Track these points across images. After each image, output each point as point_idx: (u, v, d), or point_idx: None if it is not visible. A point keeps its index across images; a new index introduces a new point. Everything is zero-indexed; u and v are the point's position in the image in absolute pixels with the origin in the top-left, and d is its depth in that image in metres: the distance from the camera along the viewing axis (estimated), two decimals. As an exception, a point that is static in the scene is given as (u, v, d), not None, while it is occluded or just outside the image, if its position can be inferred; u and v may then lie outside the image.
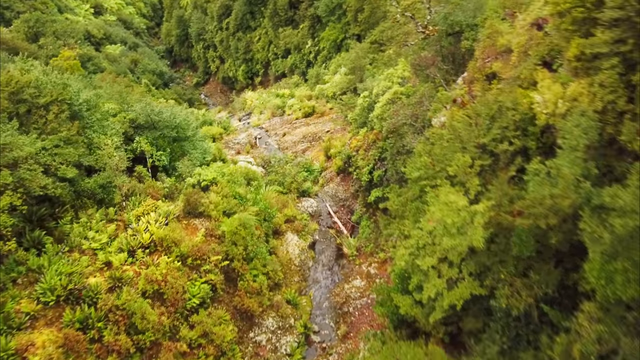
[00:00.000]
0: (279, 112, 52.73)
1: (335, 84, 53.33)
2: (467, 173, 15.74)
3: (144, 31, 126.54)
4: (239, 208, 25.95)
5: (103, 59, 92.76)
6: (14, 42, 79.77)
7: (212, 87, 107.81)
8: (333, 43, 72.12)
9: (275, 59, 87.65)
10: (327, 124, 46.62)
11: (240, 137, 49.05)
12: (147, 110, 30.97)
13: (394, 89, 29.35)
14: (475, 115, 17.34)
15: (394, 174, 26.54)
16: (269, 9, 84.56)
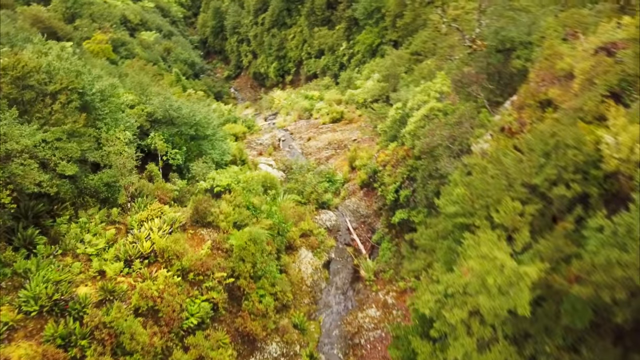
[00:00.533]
0: (306, 115, 50.51)
1: (367, 90, 50.93)
2: (516, 222, 13.23)
3: (180, 20, 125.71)
4: (251, 220, 23.76)
5: (137, 45, 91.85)
6: (50, 21, 79.11)
7: (243, 82, 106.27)
8: (368, 47, 69.64)
9: (308, 58, 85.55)
10: (355, 132, 44.22)
11: (263, 138, 46.97)
12: (166, 105, 29.04)
13: (431, 104, 26.82)
14: (528, 149, 14.80)
15: (423, 199, 24.06)
16: (306, 7, 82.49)
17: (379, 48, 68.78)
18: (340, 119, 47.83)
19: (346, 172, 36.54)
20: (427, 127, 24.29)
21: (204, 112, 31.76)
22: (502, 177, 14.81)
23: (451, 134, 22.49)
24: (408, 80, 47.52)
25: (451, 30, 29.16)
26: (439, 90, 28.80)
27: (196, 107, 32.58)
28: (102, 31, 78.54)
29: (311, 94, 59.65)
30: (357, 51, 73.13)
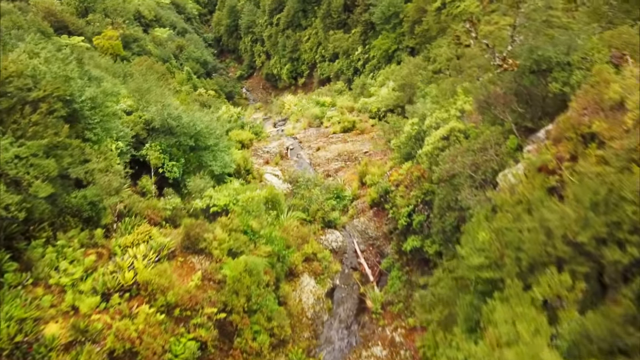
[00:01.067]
0: (316, 123, 48.08)
1: (381, 99, 48.43)
2: (563, 298, 10.74)
3: (195, 17, 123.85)
4: (248, 247, 21.39)
5: (149, 42, 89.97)
6: (62, 15, 77.40)
7: (255, 82, 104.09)
8: (384, 53, 67.05)
9: (322, 61, 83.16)
10: (367, 143, 41.73)
11: (271, 146, 44.63)
12: (164, 114, 26.72)
13: (451, 124, 24.28)
14: (573, 199, 12.29)
15: (439, 231, 21.54)
16: (322, 9, 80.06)
17: (395, 54, 66.21)
18: (352, 128, 45.35)
19: (355, 188, 34.07)
20: (447, 151, 21.74)
21: (206, 121, 29.44)
22: (541, 231, 12.29)
23: (474, 162, 19.96)
24: (425, 90, 44.99)
25: (479, 45, 26.65)
26: (460, 107, 26.24)
27: (198, 115, 30.28)
28: (114, 27, 76.62)
29: (323, 99, 57.21)
30: (373, 56, 70.59)
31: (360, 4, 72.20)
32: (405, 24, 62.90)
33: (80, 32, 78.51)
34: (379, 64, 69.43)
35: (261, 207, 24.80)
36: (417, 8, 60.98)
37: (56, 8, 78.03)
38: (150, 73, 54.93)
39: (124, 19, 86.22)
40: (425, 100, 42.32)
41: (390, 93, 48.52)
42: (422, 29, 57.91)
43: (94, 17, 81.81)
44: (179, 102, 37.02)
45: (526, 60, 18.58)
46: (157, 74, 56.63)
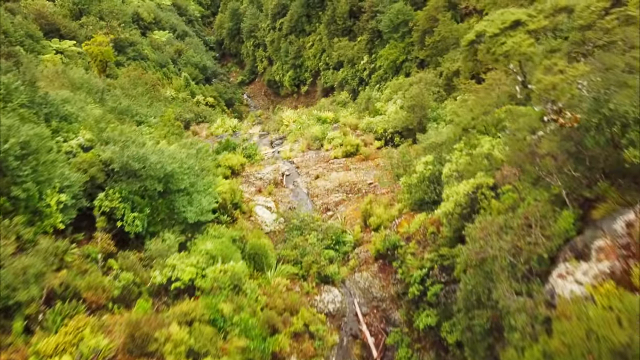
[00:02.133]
0: (316, 145, 42.80)
1: (388, 119, 43.11)
2: None
3: (197, 19, 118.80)
4: (215, 345, 16.16)
5: (147, 45, 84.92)
6: (53, 17, 72.40)
7: (257, 88, 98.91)
8: (392, 64, 61.73)
9: (326, 69, 77.91)
10: (372, 172, 36.45)
11: (265, 171, 39.40)
12: (123, 157, 21.45)
13: (478, 179, 19.02)
14: None
15: (465, 328, 16.28)
16: (327, 15, 74.73)
17: (404, 65, 60.92)
18: (355, 153, 40.05)
19: (358, 231, 28.80)
20: (476, 221, 16.44)
21: (180, 159, 24.20)
22: None
23: (514, 244, 14.73)
24: (437, 112, 39.70)
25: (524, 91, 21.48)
26: (487, 153, 20.93)
27: (171, 150, 25.07)
28: (105, 31, 71.51)
29: (324, 115, 51.89)
30: (379, 66, 65.26)
31: (367, 10, 66.83)
32: (415, 34, 57.57)
33: (73, 36, 73.54)
34: (386, 75, 64.13)
35: (241, 278, 19.56)
36: (428, 17, 55.68)
37: (47, 10, 73.06)
38: (138, 84, 49.90)
39: (120, 22, 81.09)
40: (438, 124, 37.07)
41: (398, 112, 43.24)
42: (433, 39, 52.57)
43: (87, 20, 76.73)
44: (155, 134, 31.82)
45: (592, 116, 13.32)
46: (146, 85, 51.58)
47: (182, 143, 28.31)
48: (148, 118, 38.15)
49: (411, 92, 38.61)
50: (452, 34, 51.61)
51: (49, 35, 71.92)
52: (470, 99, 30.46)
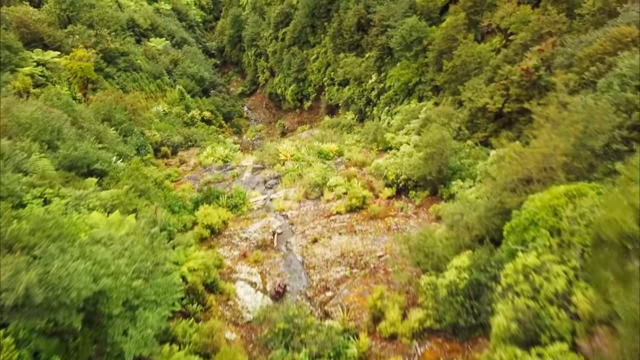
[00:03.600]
0: (315, 193, 35.30)
1: (401, 162, 35.58)
2: None
3: (198, 24, 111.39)
4: None
5: (140, 55, 77.56)
6: (36, 26, 65.07)
7: (258, 100, 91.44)
8: (403, 85, 54.15)
9: (331, 85, 70.37)
10: (382, 238, 29.04)
11: (252, 228, 32.03)
12: (20, 287, 14.02)
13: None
14: None
15: None
16: (333, 27, 67.09)
17: (417, 88, 53.36)
18: (362, 207, 32.61)
19: (364, 342, 21.39)
20: None
21: (118, 266, 16.82)
22: None
23: None
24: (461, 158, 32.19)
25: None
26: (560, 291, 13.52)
27: (111, 250, 17.69)
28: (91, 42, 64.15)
29: (327, 147, 44.39)
30: (389, 87, 57.70)
31: (377, 24, 59.18)
32: (430, 54, 49.94)
33: (58, 46, 66.24)
34: (397, 97, 56.60)
35: None
36: (445, 36, 48.05)
37: (30, 18, 65.65)
38: (115, 110, 42.56)
39: (111, 30, 73.73)
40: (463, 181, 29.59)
41: (413, 155, 35.75)
42: (452, 64, 44.89)
43: (74, 28, 69.40)
44: (109, 197, 24.47)
45: None
46: (124, 111, 44.21)
47: (134, 228, 20.84)
48: (113, 165, 30.81)
49: (429, 137, 31.08)
50: (474, 58, 43.96)
51: (31, 45, 64.72)
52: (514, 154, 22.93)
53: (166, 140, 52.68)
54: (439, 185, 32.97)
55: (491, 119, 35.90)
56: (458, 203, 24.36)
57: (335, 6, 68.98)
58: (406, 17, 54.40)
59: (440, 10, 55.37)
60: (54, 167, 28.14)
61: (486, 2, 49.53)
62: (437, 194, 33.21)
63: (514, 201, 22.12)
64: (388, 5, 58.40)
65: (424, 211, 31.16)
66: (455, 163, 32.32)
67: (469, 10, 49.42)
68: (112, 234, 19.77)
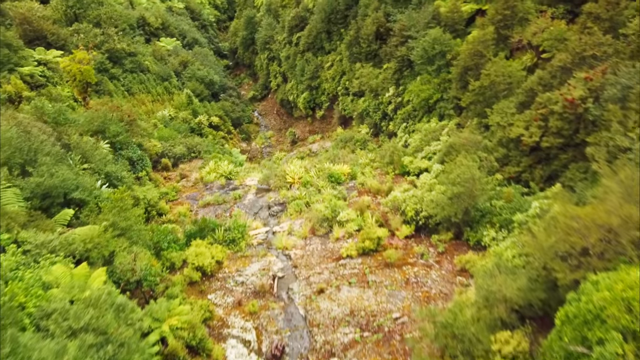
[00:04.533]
0: (323, 229, 30.91)
1: (421, 197, 31.13)
2: None
3: (211, 24, 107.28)
4: None
5: (148, 56, 73.62)
6: (39, 23, 61.31)
7: (269, 105, 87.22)
8: (423, 102, 49.57)
9: (345, 95, 65.93)
10: (400, 294, 24.64)
11: (250, 270, 27.77)
12: None
13: None
14: None
15: None
16: (349, 35, 62.59)
17: (438, 106, 48.76)
18: (376, 250, 28.22)
19: None
20: None
21: None
22: None
23: None
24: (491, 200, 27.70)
25: None
26: None
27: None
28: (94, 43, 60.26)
29: (339, 170, 39.98)
30: (407, 101, 53.18)
31: (397, 34, 54.62)
32: (454, 69, 45.28)
33: (62, 44, 62.55)
34: (415, 113, 52.05)
35: None
36: (471, 51, 43.36)
37: (34, 14, 61.88)
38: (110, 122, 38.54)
39: (118, 30, 69.82)
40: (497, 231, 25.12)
41: (434, 187, 31.29)
42: (480, 84, 40.26)
43: (79, 26, 65.56)
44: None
45: None
46: (121, 122, 40.12)
47: (97, 297, 16.62)
48: (95, 192, 26.67)
49: (457, 174, 26.62)
50: (504, 78, 39.33)
51: (34, 43, 61.09)
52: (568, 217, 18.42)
53: (168, 151, 48.64)
54: (465, 227, 28.52)
55: (525, 152, 31.27)
56: (493, 267, 19.94)
57: (353, 12, 64.49)
58: (429, 28, 49.83)
59: (466, 22, 50.74)
60: (25, 196, 24.11)
61: (517, 16, 44.83)
62: (461, 237, 28.79)
63: (567, 277, 17.68)
64: (410, 15, 53.81)
65: (447, 260, 26.72)
66: (485, 205, 27.84)
67: (498, 24, 44.76)
68: (67, 307, 15.65)
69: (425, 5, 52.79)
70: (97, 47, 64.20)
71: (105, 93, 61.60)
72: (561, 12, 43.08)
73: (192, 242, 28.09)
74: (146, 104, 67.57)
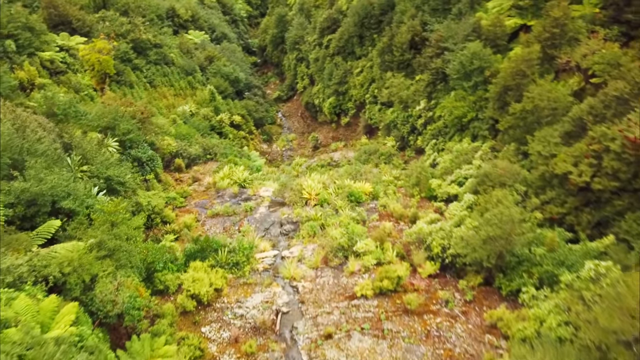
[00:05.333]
0: (337, 260, 27.50)
1: (449, 231, 27.60)
2: None
3: (242, 19, 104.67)
4: None
5: (174, 48, 71.20)
6: (65, 7, 59.23)
7: (294, 107, 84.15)
8: (456, 120, 45.84)
9: (373, 103, 62.44)
10: (419, 349, 21.16)
11: (252, 302, 24.56)
12: None
13: None
14: None
15: None
16: (382, 41, 59.07)
17: (472, 125, 44.96)
18: (394, 290, 24.79)
19: None
20: None
21: None
22: None
23: None
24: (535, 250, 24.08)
25: None
26: None
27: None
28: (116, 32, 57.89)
29: (359, 188, 36.56)
30: (438, 117, 49.53)
31: (433, 44, 50.89)
32: (493, 88, 41.45)
33: (87, 31, 60.26)
34: (447, 130, 48.36)
35: None
36: (513, 70, 39.49)
37: (60, 0, 59.75)
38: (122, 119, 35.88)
39: (146, 20, 67.48)
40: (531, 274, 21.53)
41: (466, 220, 27.73)
42: (522, 107, 36.43)
43: (105, 13, 63.35)
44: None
45: None
46: (133, 119, 37.38)
47: (53, 353, 13.72)
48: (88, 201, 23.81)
49: (493, 215, 23.05)
50: (549, 103, 35.44)
51: (58, 28, 59.05)
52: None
53: (182, 150, 45.89)
54: (497, 272, 24.91)
55: (572, 192, 27.43)
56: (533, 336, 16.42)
57: (387, 18, 60.90)
58: (468, 40, 45.99)
59: (509, 37, 46.77)
60: (9, 201, 21.40)
61: (567, 35, 40.76)
62: (492, 282, 25.19)
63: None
64: (448, 25, 50.04)
65: (475, 312, 23.17)
66: (523, 250, 24.19)
67: (545, 43, 40.76)
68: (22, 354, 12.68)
69: (466, 16, 48.94)
70: (122, 36, 61.98)
71: (126, 84, 59.33)
72: (615, 34, 39.05)
73: (191, 263, 25.05)
74: (167, 98, 65.14)
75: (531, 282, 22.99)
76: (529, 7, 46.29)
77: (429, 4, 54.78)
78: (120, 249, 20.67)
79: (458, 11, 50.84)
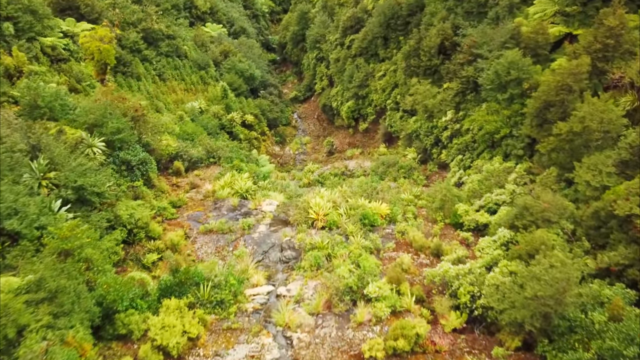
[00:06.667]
0: (343, 305, 22.40)
1: (480, 278, 22.36)
2: None
3: (264, 15, 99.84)
4: None
5: (188, 41, 66.64)
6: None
7: (310, 109, 79.17)
8: (487, 135, 40.41)
9: (395, 110, 57.18)
10: None
11: (234, 356, 19.63)
12: None
13: None
14: None
15: None
16: (409, 44, 53.74)
17: (504, 142, 39.47)
18: (412, 352, 19.69)
19: None
20: None
21: None
22: None
23: None
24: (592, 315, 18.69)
25: None
26: None
27: None
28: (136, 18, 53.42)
29: (374, 209, 31.34)
30: (466, 130, 44.12)
31: (464, 50, 45.42)
32: (531, 102, 35.82)
33: (96, 17, 55.88)
34: (475, 146, 42.97)
35: None
36: (557, 84, 33.88)
37: (70, -20, 55.49)
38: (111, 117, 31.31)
39: (160, 9, 62.99)
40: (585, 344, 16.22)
41: (501, 267, 22.49)
42: (568, 128, 30.89)
43: (116, 0, 58.97)
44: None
45: None
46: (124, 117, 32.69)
47: None
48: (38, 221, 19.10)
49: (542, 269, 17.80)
50: (602, 125, 29.87)
51: (65, 12, 54.91)
52: None
53: (183, 152, 41.22)
54: (541, 336, 19.61)
55: (636, 239, 21.96)
56: None
57: (415, 20, 55.47)
58: (505, 48, 40.50)
59: (551, 47, 41.14)
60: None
61: (622, 48, 35.08)
62: (533, 348, 19.96)
63: None
64: (483, 30, 44.51)
65: (513, 392, 17.92)
66: (576, 314, 18.86)
67: (596, 55, 35.09)
68: None
69: (504, 21, 43.36)
70: (132, 24, 57.63)
71: (133, 76, 54.98)
72: (678, 49, 33.40)
73: (164, 301, 20.23)
74: (177, 92, 60.65)
75: (587, 355, 17.67)
76: (576, 14, 40.49)
77: (463, 6, 49.24)
78: (65, 291, 15.88)
79: (495, 15, 45.26)
